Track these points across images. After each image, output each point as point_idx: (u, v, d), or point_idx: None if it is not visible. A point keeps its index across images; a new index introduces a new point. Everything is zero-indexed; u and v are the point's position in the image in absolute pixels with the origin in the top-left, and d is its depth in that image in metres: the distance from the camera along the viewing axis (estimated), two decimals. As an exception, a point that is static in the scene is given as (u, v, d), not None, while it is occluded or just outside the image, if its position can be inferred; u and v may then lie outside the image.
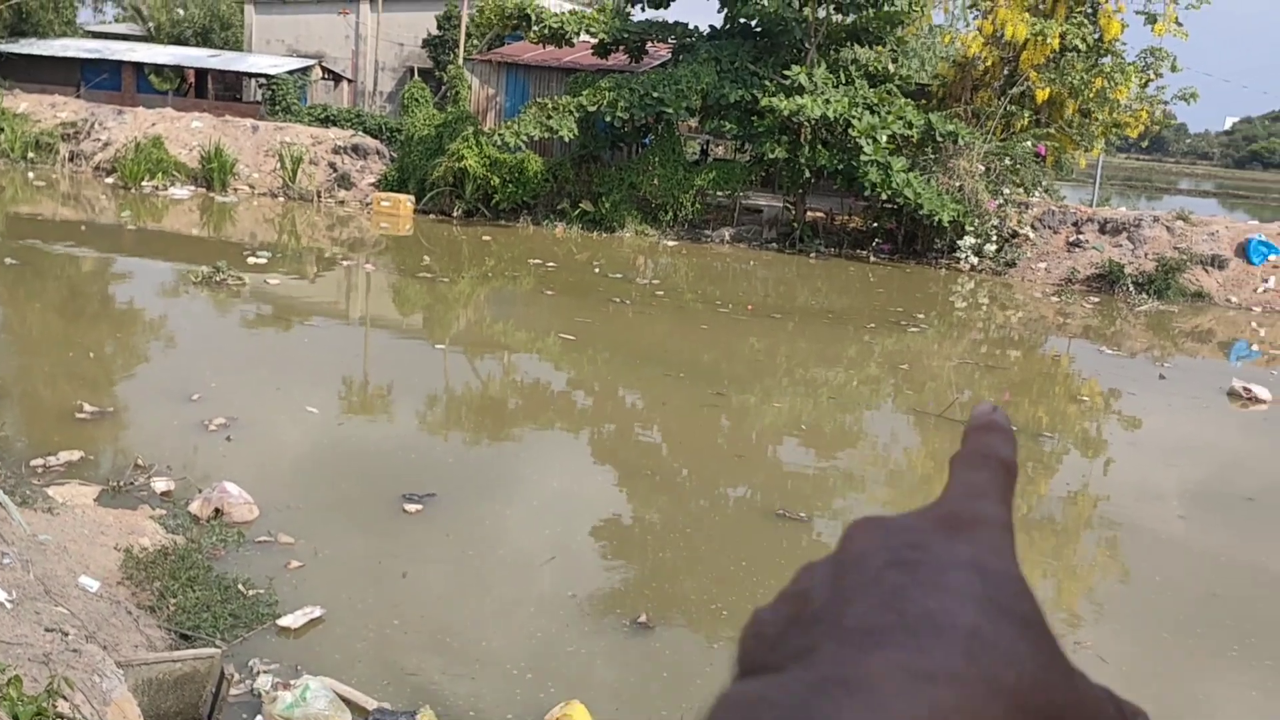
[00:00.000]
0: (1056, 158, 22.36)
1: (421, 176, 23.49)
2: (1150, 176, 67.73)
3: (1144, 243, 20.84)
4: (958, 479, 0.44)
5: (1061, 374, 14.51)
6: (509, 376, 12.13)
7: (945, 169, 20.63)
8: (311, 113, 28.08)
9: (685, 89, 20.95)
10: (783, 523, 7.57)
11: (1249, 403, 12.32)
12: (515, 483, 8.13)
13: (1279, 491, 9.53)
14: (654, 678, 5.37)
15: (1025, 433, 10.60)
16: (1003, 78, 21.69)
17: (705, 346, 13.73)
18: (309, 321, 13.75)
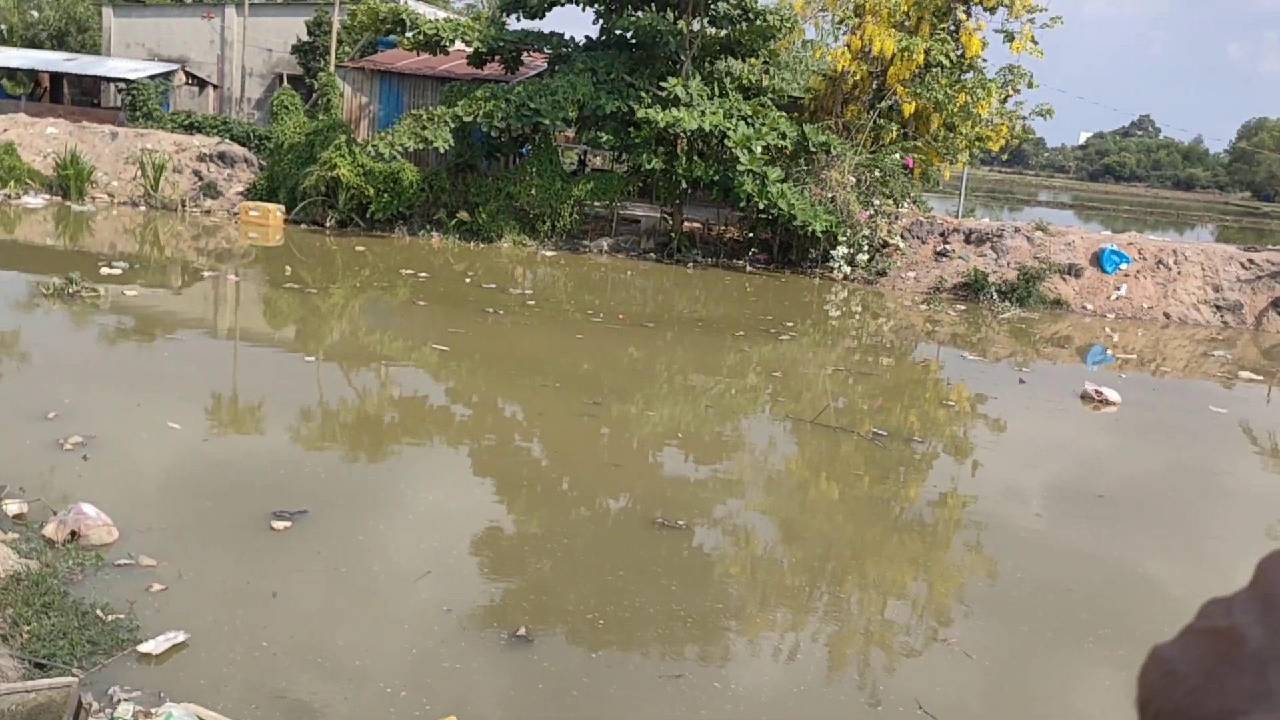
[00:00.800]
0: (924, 170, 23.07)
1: (292, 186, 22.93)
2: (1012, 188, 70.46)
3: (1006, 252, 21.63)
4: None
5: (930, 380, 14.94)
6: (381, 389, 11.91)
7: (818, 180, 21.08)
8: (175, 119, 27.18)
9: (562, 100, 20.95)
10: (661, 531, 7.59)
11: (1100, 405, 12.88)
12: (390, 497, 7.98)
13: (1126, 488, 9.98)
14: (531, 690, 5.32)
15: (898, 437, 10.87)
16: (871, 92, 22.28)
17: (581, 356, 13.72)
18: (172, 335, 13.27)
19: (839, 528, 8.39)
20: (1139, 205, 68.67)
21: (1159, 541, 8.59)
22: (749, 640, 6.16)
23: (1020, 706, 5.66)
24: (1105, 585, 7.41)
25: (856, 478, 9.68)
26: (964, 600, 7.04)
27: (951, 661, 6.04)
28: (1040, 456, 10.82)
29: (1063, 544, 8.29)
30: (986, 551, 7.99)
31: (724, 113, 20.79)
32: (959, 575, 7.61)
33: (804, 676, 5.78)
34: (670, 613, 6.31)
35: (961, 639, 6.32)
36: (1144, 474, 10.73)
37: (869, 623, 6.62)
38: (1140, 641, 6.48)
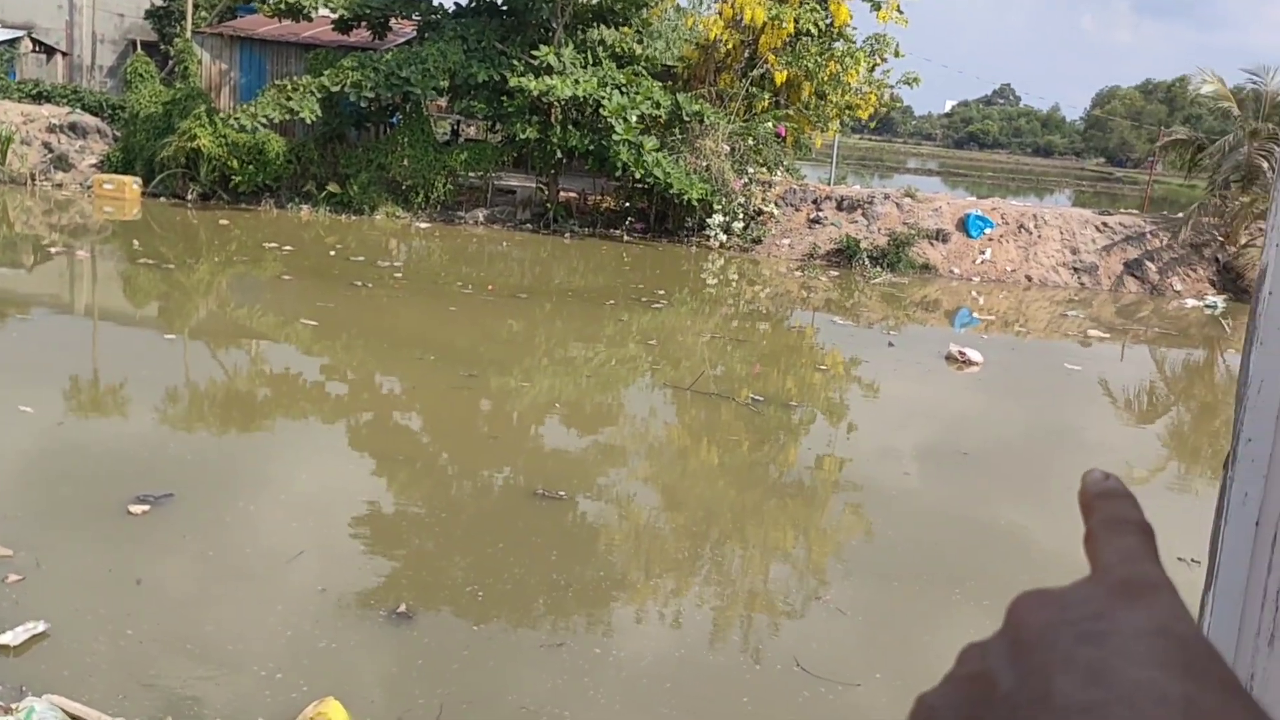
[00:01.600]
0: (796, 138, 23.36)
1: (150, 157, 21.99)
2: (881, 156, 71.99)
3: (877, 219, 22.10)
4: (1110, 546, 0.43)
5: (805, 345, 15.21)
6: (248, 367, 11.56)
7: (692, 149, 21.18)
8: (21, 89, 25.79)
9: (432, 68, 20.53)
10: (542, 502, 7.57)
11: (963, 365, 13.34)
12: (260, 477, 7.77)
13: (989, 446, 10.37)
14: (412, 666, 5.25)
15: (775, 402, 11.04)
16: (744, 60, 22.44)
17: (455, 329, 13.56)
18: (20, 315, 12.64)
19: (720, 493, 8.49)
20: (1002, 171, 70.93)
21: (1021, 495, 8.93)
22: (632, 607, 6.20)
23: (893, 657, 5.83)
24: (971, 539, 7.68)
25: (736, 443, 9.81)
26: (840, 559, 7.21)
27: (828, 619, 6.18)
28: (908, 417, 11.13)
29: (931, 502, 8.56)
30: (861, 512, 8.20)
31: (598, 81, 20.67)
32: (835, 536, 7.79)
33: (686, 640, 5.84)
34: (552, 583, 6.30)
35: (837, 597, 6.47)
36: (1005, 431, 11.14)
37: (750, 585, 6.73)
38: (1004, 591, 6.73)
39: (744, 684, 5.40)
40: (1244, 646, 0.72)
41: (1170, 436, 12.18)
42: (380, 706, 4.85)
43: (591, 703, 5.06)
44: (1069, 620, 0.39)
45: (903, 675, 5.62)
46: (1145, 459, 10.67)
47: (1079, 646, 0.38)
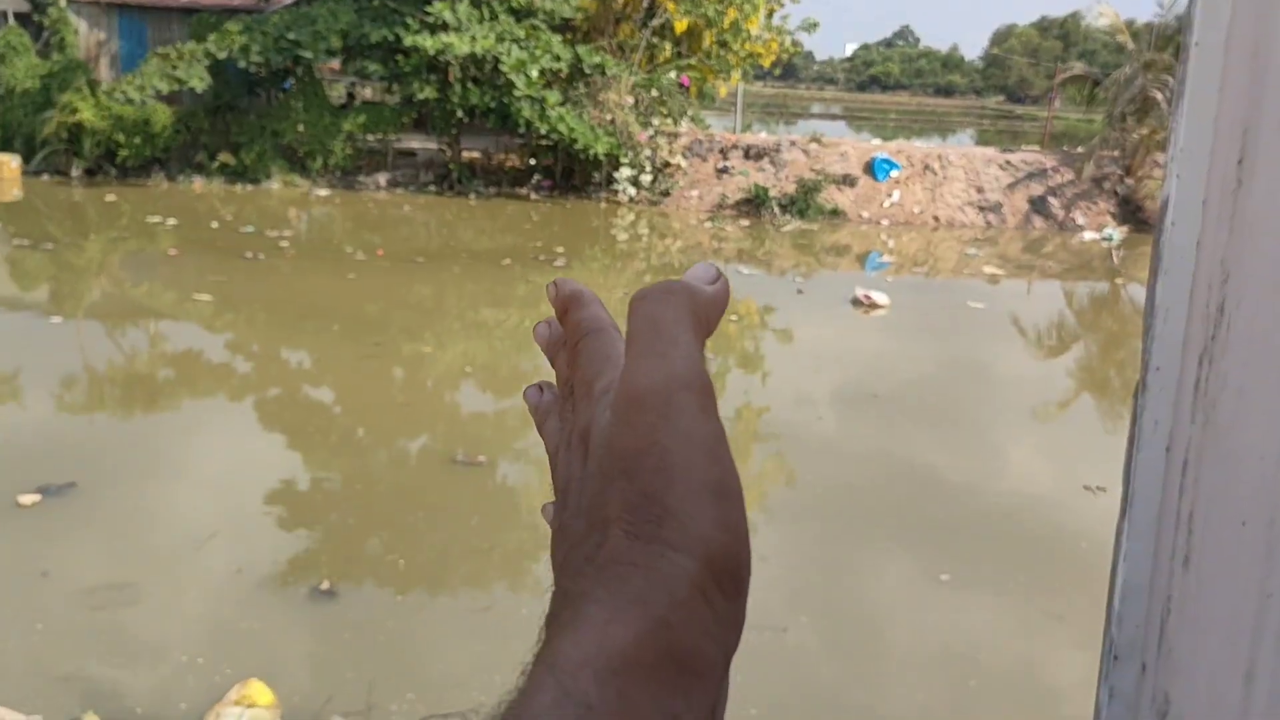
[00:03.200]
0: (699, 88, 23.30)
1: (29, 134, 21.09)
2: (785, 103, 72.23)
3: (784, 166, 22.20)
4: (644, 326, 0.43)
5: (718, 295, 15.22)
6: (141, 346, 11.22)
7: (596, 103, 20.98)
8: (-115, 66, 24.46)
9: (323, 30, 19.97)
10: (462, 469, 7.49)
11: (870, 309, 13.52)
12: (166, 461, 7.55)
13: (897, 387, 10.53)
14: (337, 641, 5.18)
15: (689, 354, 11.05)
16: (643, 10, 22.24)
17: (356, 297, 13.29)
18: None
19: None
20: (905, 113, 71.74)
21: (931, 432, 9.09)
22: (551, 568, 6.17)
23: (818, 599, 5.91)
24: (887, 479, 7.81)
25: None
26: (761, 508, 7.27)
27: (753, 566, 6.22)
28: (819, 363, 11.25)
29: (846, 445, 8.69)
30: (778, 458, 8.28)
31: (496, 36, 20.32)
32: (754, 484, 7.85)
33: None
34: (474, 548, 6.25)
35: (759, 544, 6.52)
36: (913, 371, 11.32)
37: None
38: (922, 528, 6.88)
39: (672, 636, 5.42)
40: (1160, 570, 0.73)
41: (1077, 369, 12.51)
42: (308, 685, 4.77)
43: (519, 665, 5.03)
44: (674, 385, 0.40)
45: (828, 616, 5.71)
46: (1050, 391, 10.94)
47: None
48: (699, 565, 0.37)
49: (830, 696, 5.00)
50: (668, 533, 0.37)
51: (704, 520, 0.38)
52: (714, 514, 0.38)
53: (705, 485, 0.38)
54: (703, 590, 0.37)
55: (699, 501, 0.38)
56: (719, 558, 0.38)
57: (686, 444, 0.38)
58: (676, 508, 0.37)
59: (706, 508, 0.38)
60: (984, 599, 6.05)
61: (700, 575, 0.37)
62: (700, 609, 0.37)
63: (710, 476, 0.38)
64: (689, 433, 0.39)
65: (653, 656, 0.35)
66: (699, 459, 0.38)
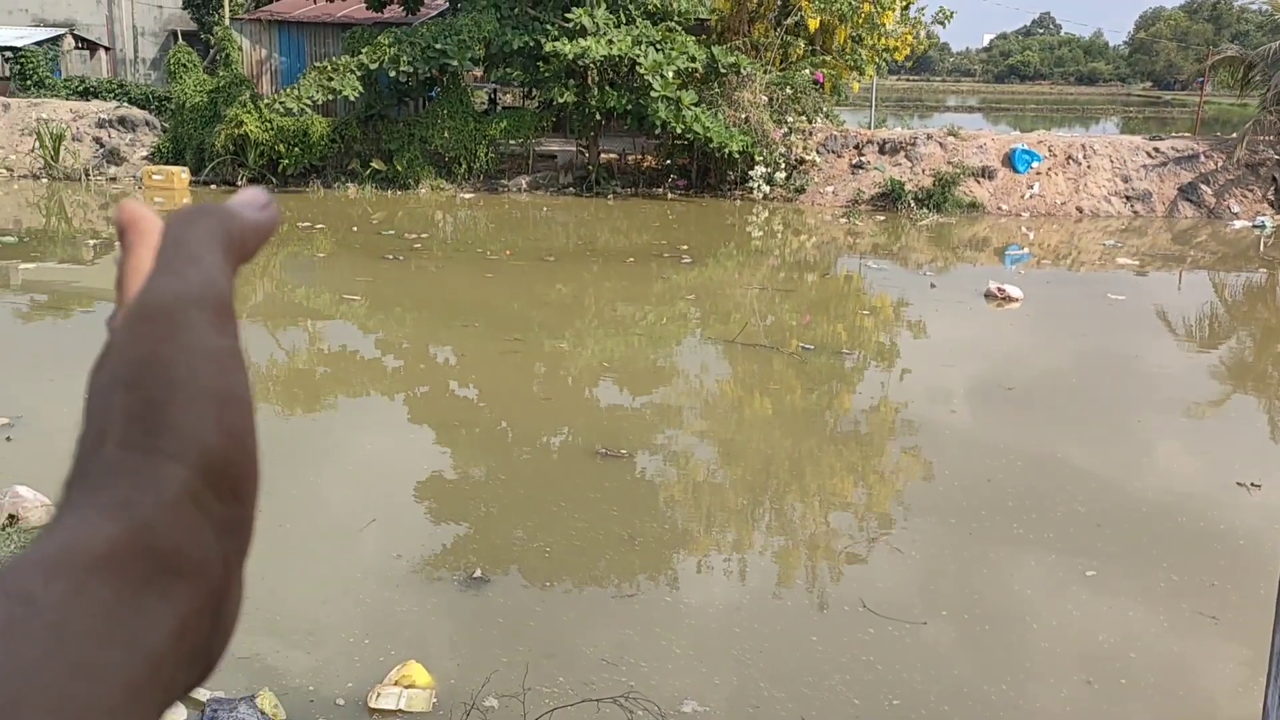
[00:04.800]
0: (834, 84, 23.15)
1: (198, 146, 22.37)
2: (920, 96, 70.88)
3: (920, 160, 21.90)
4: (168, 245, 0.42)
5: (852, 292, 15.20)
6: (297, 344, 11.83)
7: (731, 102, 21.08)
8: (68, 86, 26.23)
9: (467, 39, 20.60)
10: (603, 461, 7.73)
11: (1003, 302, 13.32)
12: (322, 450, 8.01)
13: (1031, 380, 10.39)
14: (491, 626, 5.44)
15: (826, 350, 11.10)
16: (777, 8, 22.23)
17: (494, 295, 13.72)
18: (84, 309, 13.00)
19: (776, 443, 8.60)
20: (1045, 103, 69.58)
21: (1067, 426, 8.93)
22: (697, 557, 6.35)
23: (957, 594, 5.92)
24: (1024, 473, 7.72)
25: (788, 393, 9.90)
26: (898, 502, 7.29)
27: (890, 561, 6.28)
28: (951, 357, 11.13)
29: (982, 439, 8.62)
30: (915, 453, 8.27)
31: (632, 40, 20.61)
32: (891, 478, 7.87)
33: (752, 587, 5.98)
34: (617, 538, 6.46)
35: (898, 539, 6.57)
36: (1047, 364, 11.12)
37: (811, 531, 6.84)
38: (1065, 522, 6.80)
39: (811, 625, 5.54)
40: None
41: (1227, 362, 12.06)
42: (463, 668, 5.04)
43: (665, 651, 5.22)
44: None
45: (968, 610, 5.72)
46: (1198, 385, 10.59)
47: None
48: (193, 472, 0.38)
49: (970, 691, 5.03)
50: (164, 442, 0.38)
51: (203, 429, 0.38)
52: (214, 422, 0.38)
53: (208, 395, 0.39)
54: (195, 496, 0.38)
55: (200, 410, 0.38)
56: (217, 464, 0.38)
57: (191, 356, 0.39)
58: (175, 418, 0.38)
59: (207, 416, 0.38)
60: (1132, 596, 5.97)
61: (193, 481, 0.38)
62: (190, 513, 0.37)
63: (214, 385, 0.39)
64: (195, 347, 0.39)
65: (125, 555, 0.35)
66: (204, 370, 0.39)
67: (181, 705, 4.64)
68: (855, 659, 5.19)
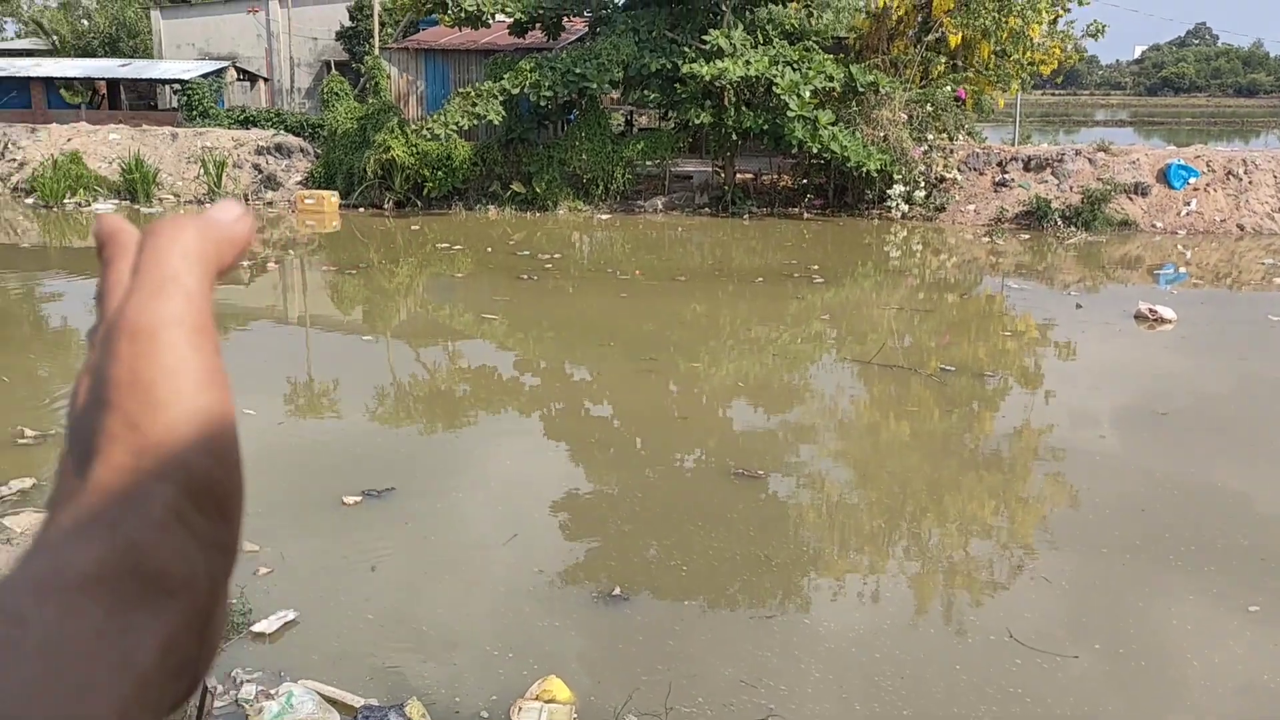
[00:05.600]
0: (976, 100, 22.69)
1: (348, 171, 23.27)
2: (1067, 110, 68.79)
3: (1068, 176, 21.25)
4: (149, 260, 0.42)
5: (994, 312, 14.83)
6: (437, 361, 12.15)
7: (869, 120, 20.87)
8: (230, 115, 27.62)
9: (606, 62, 20.93)
10: (738, 481, 7.72)
11: (1155, 324, 12.78)
12: (463, 465, 8.22)
13: (1186, 404, 9.92)
14: (630, 643, 5.49)
15: (966, 372, 10.85)
16: (917, 25, 21.94)
17: (630, 315, 13.86)
18: (239, 326, 13.64)
19: (914, 466, 8.44)
20: (1201, 116, 66.71)
21: (1231, 455, 8.51)
22: (834, 581, 6.28)
23: (1111, 628, 5.70)
24: (1181, 503, 7.40)
25: (927, 416, 9.71)
26: (1045, 529, 7.08)
27: (1037, 590, 6.10)
28: (1099, 380, 10.76)
29: (1132, 465, 8.30)
30: (1061, 479, 8.01)
31: (769, 60, 20.60)
32: (1036, 504, 7.64)
33: (892, 612, 5.89)
34: (754, 558, 6.44)
35: (1045, 567, 6.37)
36: (1203, 389, 10.61)
37: (952, 557, 6.69)
38: (1225, 556, 6.48)
39: (955, 654, 5.42)
40: None
41: None
42: (605, 685, 5.08)
43: (804, 674, 5.18)
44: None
45: (1122, 645, 5.51)
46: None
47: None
48: (177, 490, 0.38)
49: (1122, 727, 4.85)
50: (147, 462, 0.38)
51: (185, 448, 0.39)
52: (196, 442, 0.39)
53: (190, 415, 0.39)
54: (180, 514, 0.38)
55: (183, 431, 0.39)
56: (203, 483, 0.39)
57: (172, 377, 0.39)
58: (159, 438, 0.38)
59: (189, 436, 0.39)
60: (1298, 636, 5.65)
61: (178, 500, 0.38)
62: (177, 532, 0.38)
63: (195, 406, 0.39)
64: (175, 367, 0.39)
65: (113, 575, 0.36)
66: (186, 390, 0.39)
67: (335, 711, 4.82)
68: (1002, 690, 5.06)
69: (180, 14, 35.69)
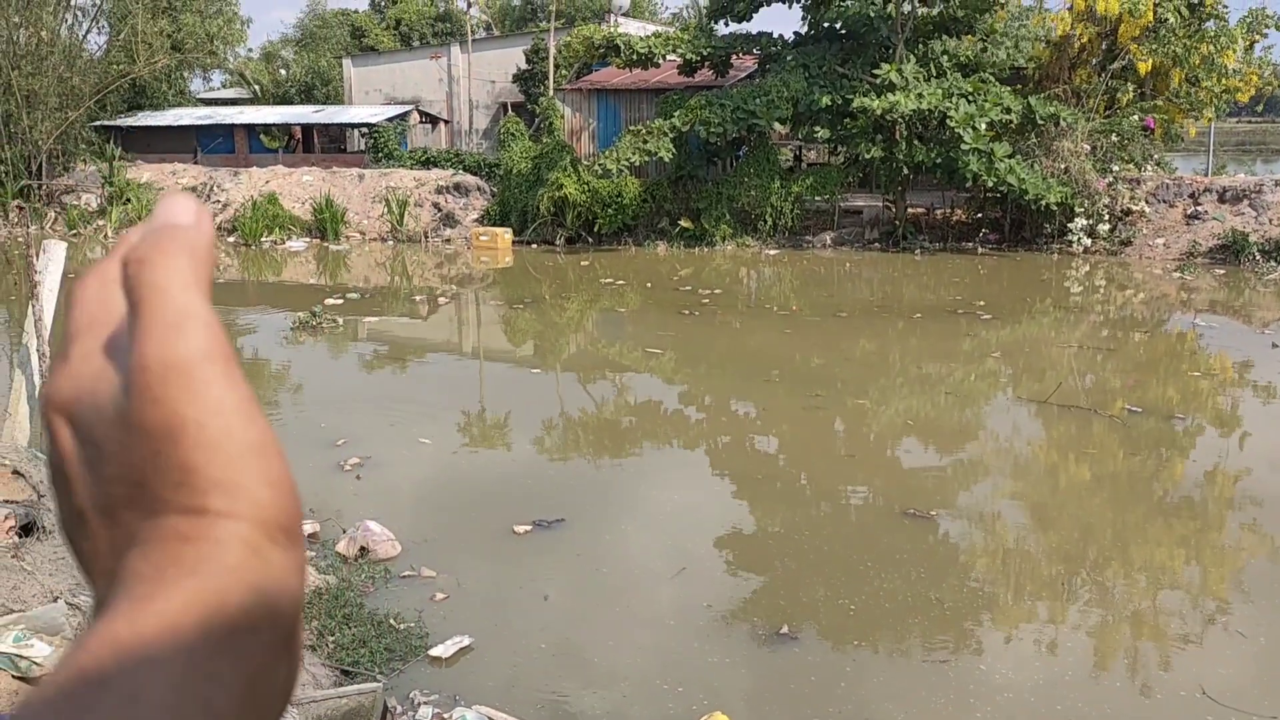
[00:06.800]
0: (1165, 129, 21.71)
1: (522, 208, 23.97)
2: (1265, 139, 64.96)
3: (1267, 208, 20.10)
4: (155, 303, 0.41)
5: (1185, 351, 14.09)
6: (604, 395, 12.33)
7: (1048, 152, 20.24)
8: (413, 156, 28.85)
9: (775, 99, 20.98)
10: (907, 521, 7.56)
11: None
12: (632, 499, 8.31)
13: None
14: (801, 684, 5.43)
15: (1153, 413, 10.36)
16: (1101, 53, 21.16)
17: (793, 350, 13.74)
18: (417, 358, 14.18)
19: (1096, 511, 8.10)
20: None
21: None
22: (1010, 628, 6.08)
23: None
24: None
25: (1110, 459, 9.31)
26: (1239, 581, 6.68)
27: (1232, 645, 5.76)
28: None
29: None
30: (1257, 528, 7.54)
31: (943, 93, 20.24)
32: (1230, 554, 7.22)
33: (1073, 664, 5.65)
34: (925, 599, 6.30)
35: (1241, 621, 6.01)
36: None
37: (1137, 607, 6.39)
38: None
39: (1142, 710, 5.17)
40: None
41: None
42: (768, 721, 5.06)
43: (978, 723, 5.03)
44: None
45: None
46: None
47: None
48: (251, 527, 0.38)
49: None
50: (215, 502, 0.38)
51: (251, 483, 0.39)
52: (259, 474, 0.39)
53: (246, 449, 0.39)
54: (256, 550, 0.38)
55: (243, 466, 0.39)
56: (270, 515, 0.39)
57: (219, 414, 0.39)
58: (221, 477, 0.38)
59: (251, 470, 0.39)
60: None
61: (254, 536, 0.38)
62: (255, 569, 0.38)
63: (249, 439, 0.39)
64: (220, 402, 0.39)
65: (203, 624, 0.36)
66: (235, 425, 0.39)
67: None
68: (1192, 751, 4.79)
69: (369, 62, 37.58)
